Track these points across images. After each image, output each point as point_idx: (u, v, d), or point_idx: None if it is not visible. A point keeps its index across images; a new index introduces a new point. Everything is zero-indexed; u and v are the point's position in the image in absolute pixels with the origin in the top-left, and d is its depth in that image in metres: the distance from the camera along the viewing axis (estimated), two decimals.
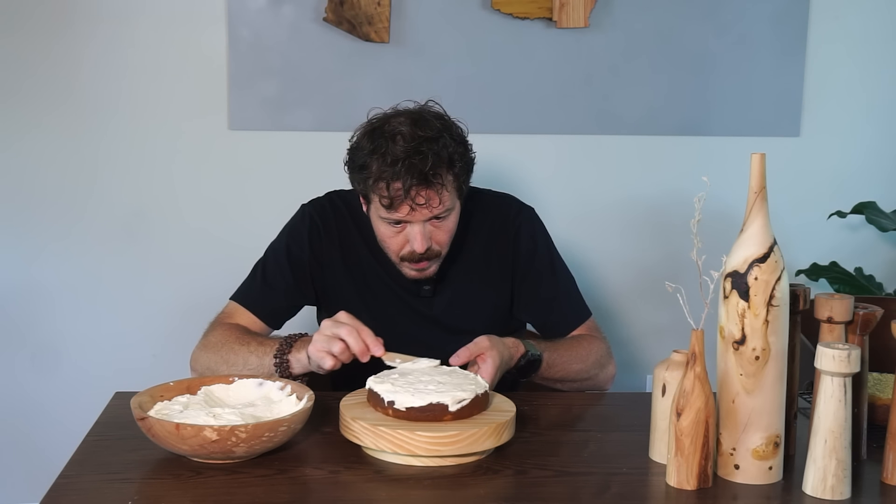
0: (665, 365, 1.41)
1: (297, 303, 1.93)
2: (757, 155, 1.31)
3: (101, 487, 1.31)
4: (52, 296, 2.66)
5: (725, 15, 2.72)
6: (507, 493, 1.35)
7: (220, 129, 2.64)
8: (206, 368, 1.75)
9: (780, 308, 1.31)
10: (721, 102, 2.75)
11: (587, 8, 2.63)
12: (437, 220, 1.77)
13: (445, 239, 1.81)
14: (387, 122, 1.76)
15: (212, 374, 1.70)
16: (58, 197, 2.63)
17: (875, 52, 2.81)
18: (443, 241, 1.80)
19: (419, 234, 1.75)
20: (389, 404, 1.42)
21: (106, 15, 2.57)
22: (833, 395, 1.27)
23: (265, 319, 1.88)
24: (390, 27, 2.60)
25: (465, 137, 1.80)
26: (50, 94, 2.58)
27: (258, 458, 1.39)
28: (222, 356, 1.74)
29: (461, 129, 1.80)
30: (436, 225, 1.77)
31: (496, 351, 1.64)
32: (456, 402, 1.41)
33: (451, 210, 1.78)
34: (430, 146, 1.70)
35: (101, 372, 2.65)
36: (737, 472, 1.33)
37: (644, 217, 2.79)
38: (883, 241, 2.87)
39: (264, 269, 1.91)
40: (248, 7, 2.58)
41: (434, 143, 1.71)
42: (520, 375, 1.77)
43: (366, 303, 1.89)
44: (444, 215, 1.77)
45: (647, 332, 2.82)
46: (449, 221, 1.79)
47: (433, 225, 1.77)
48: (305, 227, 1.91)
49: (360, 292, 1.91)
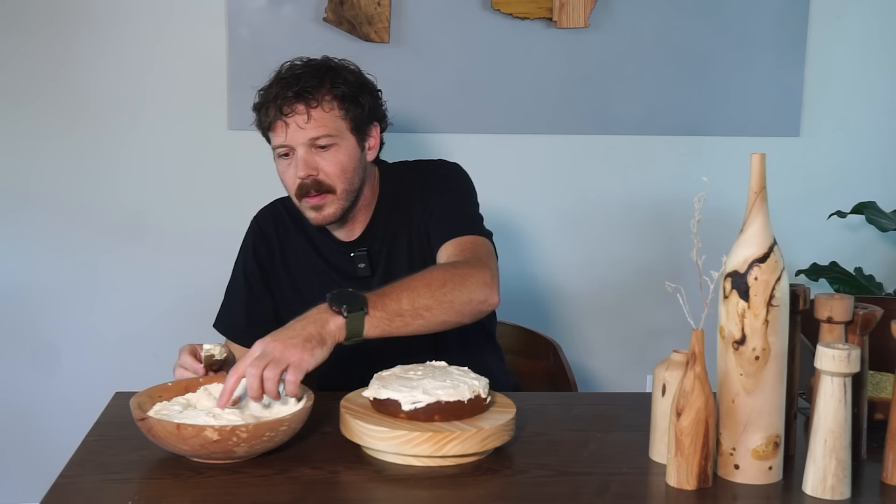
0: (665, 365, 1.40)
1: (260, 316, 1.89)
2: (757, 155, 1.31)
3: (101, 487, 1.31)
4: (52, 296, 2.66)
5: (725, 15, 2.72)
6: (507, 493, 1.35)
7: (220, 129, 2.64)
8: None
9: (780, 308, 1.31)
10: (721, 102, 2.76)
11: (587, 8, 2.63)
12: (322, 150, 1.77)
13: (334, 171, 1.78)
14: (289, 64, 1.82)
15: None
16: (58, 197, 2.63)
17: (875, 52, 2.81)
18: (331, 172, 1.78)
19: (301, 159, 1.76)
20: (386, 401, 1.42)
21: (106, 15, 2.57)
22: (833, 395, 1.27)
23: (243, 342, 1.83)
24: (390, 27, 2.60)
25: (365, 79, 1.83)
26: (49, 93, 2.59)
27: (258, 458, 1.39)
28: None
29: (366, 76, 1.84)
30: (321, 154, 1.77)
31: (272, 348, 1.42)
32: (411, 402, 1.40)
33: (335, 139, 1.77)
34: (310, 70, 1.77)
35: (101, 372, 2.65)
36: (737, 472, 1.33)
37: (644, 217, 2.79)
38: (883, 241, 2.87)
39: (228, 291, 1.95)
40: (248, 7, 2.58)
41: (316, 69, 1.78)
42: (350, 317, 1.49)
43: (303, 297, 1.85)
44: (327, 142, 1.77)
45: (647, 332, 2.82)
46: (336, 154, 1.78)
47: (317, 154, 1.77)
48: (250, 238, 1.95)
49: (298, 288, 1.90)
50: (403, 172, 1.93)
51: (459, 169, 1.93)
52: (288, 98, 1.75)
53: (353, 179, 1.81)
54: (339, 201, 1.81)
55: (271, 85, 1.79)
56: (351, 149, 1.80)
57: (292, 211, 1.92)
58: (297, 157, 1.77)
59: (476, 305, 1.61)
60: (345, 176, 1.79)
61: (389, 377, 1.48)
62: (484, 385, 1.47)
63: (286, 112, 1.75)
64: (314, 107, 1.75)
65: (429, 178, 1.89)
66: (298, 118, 1.75)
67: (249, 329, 1.83)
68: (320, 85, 1.76)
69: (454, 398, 1.41)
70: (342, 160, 1.79)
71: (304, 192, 1.78)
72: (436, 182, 1.88)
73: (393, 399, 1.42)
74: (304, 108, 1.75)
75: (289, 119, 1.75)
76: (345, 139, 1.79)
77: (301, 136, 1.75)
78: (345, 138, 1.79)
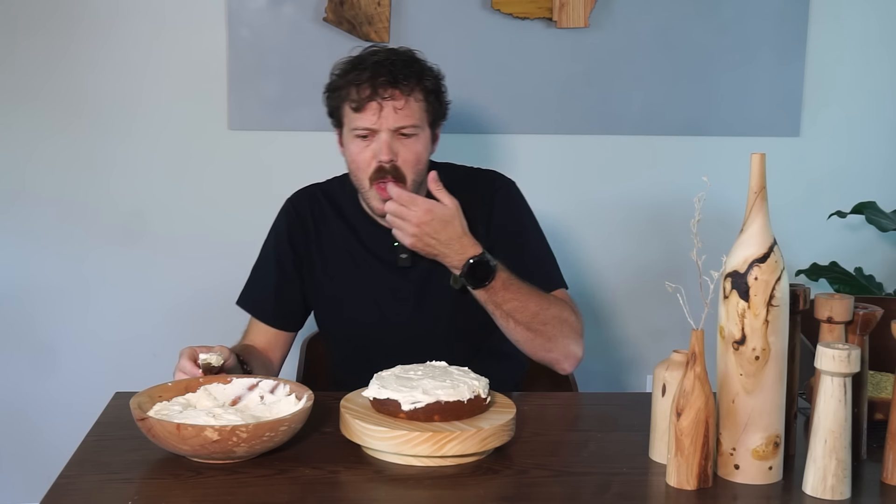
0: (665, 365, 1.41)
1: (289, 298, 1.93)
2: (757, 155, 1.31)
3: (101, 487, 1.31)
4: (52, 296, 2.66)
5: (725, 15, 2.72)
6: (507, 493, 1.35)
7: (220, 129, 2.64)
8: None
9: (780, 308, 1.31)
10: (721, 102, 2.75)
11: (587, 8, 2.63)
12: (404, 137, 1.79)
13: (411, 160, 1.81)
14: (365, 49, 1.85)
15: None
16: (58, 197, 2.63)
17: (875, 52, 2.81)
18: (408, 160, 1.80)
19: (385, 143, 1.78)
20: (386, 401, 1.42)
21: (106, 15, 2.57)
22: (833, 395, 1.27)
23: (271, 322, 1.91)
24: (390, 27, 2.60)
25: (440, 77, 1.87)
26: (49, 93, 2.58)
27: (258, 458, 1.39)
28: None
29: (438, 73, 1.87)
30: (402, 142, 1.79)
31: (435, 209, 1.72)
32: (410, 402, 1.41)
33: (418, 129, 1.81)
34: (402, 58, 1.81)
35: (101, 372, 2.64)
36: (737, 472, 1.33)
37: (644, 217, 2.79)
38: (883, 241, 2.87)
39: (256, 269, 1.96)
40: (248, 7, 2.58)
41: (406, 58, 1.81)
42: (470, 279, 1.77)
43: (335, 281, 1.90)
44: (411, 132, 1.80)
45: (647, 332, 2.82)
46: (416, 143, 1.81)
47: (399, 141, 1.79)
48: (284, 220, 1.96)
49: (330, 271, 1.92)
50: (455, 176, 1.95)
51: (520, 193, 1.98)
52: (384, 83, 1.76)
53: (422, 171, 1.84)
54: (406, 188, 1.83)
55: (356, 66, 1.80)
56: (426, 141, 1.85)
57: (331, 195, 1.95)
58: (379, 141, 1.78)
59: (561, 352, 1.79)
60: (418, 167, 1.83)
61: (389, 377, 1.48)
62: (484, 385, 1.47)
63: (383, 95, 1.76)
64: (408, 95, 1.79)
65: (493, 199, 1.93)
66: (395, 103, 1.77)
67: (278, 310, 1.92)
68: (413, 75, 1.80)
69: (454, 398, 1.41)
70: (419, 151, 1.82)
71: (381, 175, 1.80)
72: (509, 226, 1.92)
73: (393, 399, 1.42)
74: (400, 95, 1.78)
75: (385, 102, 1.77)
76: (424, 131, 1.83)
77: (392, 121, 1.78)
78: (424, 130, 1.83)
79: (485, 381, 1.48)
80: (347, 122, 1.82)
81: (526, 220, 1.96)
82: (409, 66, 1.80)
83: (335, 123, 1.87)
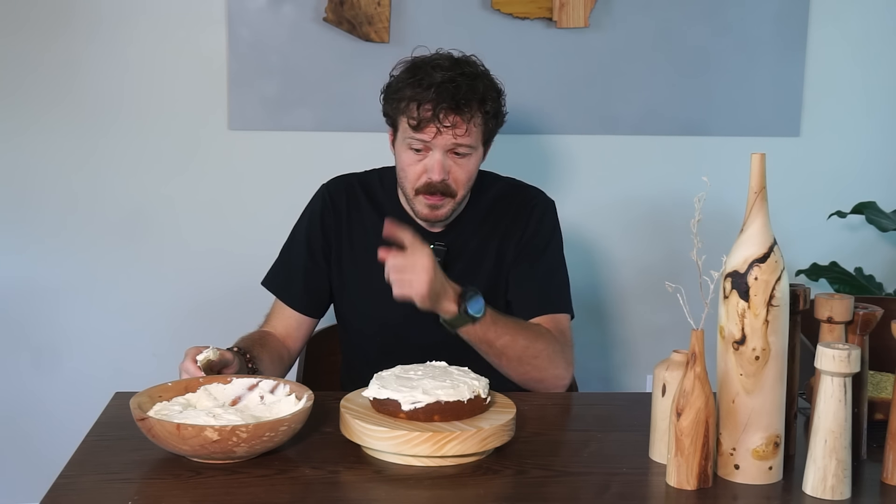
0: (665, 365, 1.41)
1: (317, 284, 1.93)
2: (757, 155, 1.31)
3: (101, 487, 1.31)
4: (53, 295, 2.66)
5: (725, 15, 2.72)
6: (507, 493, 1.35)
7: (220, 129, 2.64)
8: None
9: (780, 308, 1.31)
10: (721, 102, 2.75)
11: (587, 8, 2.63)
12: (458, 157, 1.80)
13: (463, 179, 1.82)
14: (429, 57, 1.83)
15: None
16: (58, 196, 2.63)
17: (875, 52, 2.81)
18: (460, 180, 1.81)
19: (438, 163, 1.78)
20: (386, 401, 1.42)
21: (106, 14, 2.57)
22: (833, 395, 1.27)
23: (297, 306, 1.91)
24: (390, 27, 2.60)
25: (501, 91, 1.85)
26: (50, 93, 2.58)
27: (258, 458, 1.39)
28: None
29: (499, 85, 1.86)
30: (455, 161, 1.80)
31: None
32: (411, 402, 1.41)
33: (472, 149, 1.81)
34: (466, 79, 1.78)
35: (101, 372, 2.65)
36: (737, 472, 1.33)
37: (644, 217, 2.79)
38: (883, 241, 2.87)
39: (285, 251, 1.97)
40: (248, 7, 2.58)
41: (470, 79, 1.78)
42: (455, 321, 1.72)
43: (362, 271, 1.89)
44: (466, 152, 1.80)
45: (647, 332, 2.82)
46: (469, 162, 1.82)
47: (453, 160, 1.80)
48: (318, 205, 1.96)
49: (357, 261, 1.91)
50: (497, 186, 1.97)
51: (555, 215, 1.97)
52: (446, 108, 1.75)
53: (471, 185, 1.85)
54: (455, 203, 1.85)
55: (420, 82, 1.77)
56: (479, 158, 1.86)
57: (368, 186, 1.96)
58: (433, 158, 1.79)
59: (551, 380, 1.79)
60: (468, 183, 1.84)
61: (389, 377, 1.48)
62: (484, 385, 1.47)
63: (443, 120, 1.75)
64: (468, 120, 1.78)
65: (529, 221, 1.92)
66: (456, 130, 1.77)
67: (304, 295, 1.92)
68: (476, 99, 1.78)
69: (454, 398, 1.41)
70: (471, 169, 1.83)
71: (430, 190, 1.80)
72: (534, 241, 1.92)
73: (393, 399, 1.42)
74: (461, 121, 1.77)
75: (443, 124, 1.75)
76: (478, 150, 1.84)
77: (448, 141, 1.78)
78: (478, 149, 1.84)
79: (485, 381, 1.48)
80: (402, 131, 1.81)
81: (552, 240, 1.95)
82: (473, 90, 1.77)
83: (389, 123, 1.86)
